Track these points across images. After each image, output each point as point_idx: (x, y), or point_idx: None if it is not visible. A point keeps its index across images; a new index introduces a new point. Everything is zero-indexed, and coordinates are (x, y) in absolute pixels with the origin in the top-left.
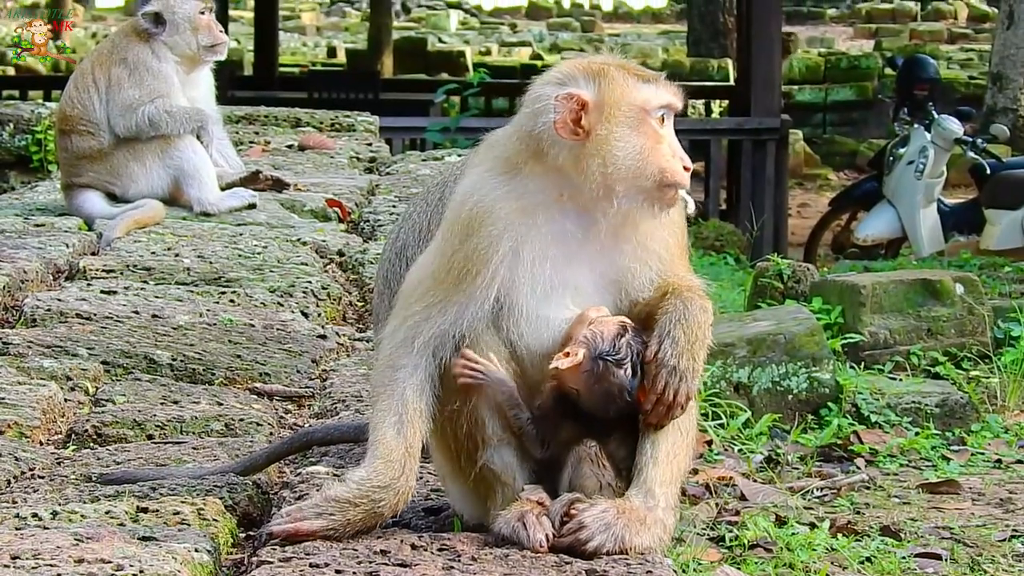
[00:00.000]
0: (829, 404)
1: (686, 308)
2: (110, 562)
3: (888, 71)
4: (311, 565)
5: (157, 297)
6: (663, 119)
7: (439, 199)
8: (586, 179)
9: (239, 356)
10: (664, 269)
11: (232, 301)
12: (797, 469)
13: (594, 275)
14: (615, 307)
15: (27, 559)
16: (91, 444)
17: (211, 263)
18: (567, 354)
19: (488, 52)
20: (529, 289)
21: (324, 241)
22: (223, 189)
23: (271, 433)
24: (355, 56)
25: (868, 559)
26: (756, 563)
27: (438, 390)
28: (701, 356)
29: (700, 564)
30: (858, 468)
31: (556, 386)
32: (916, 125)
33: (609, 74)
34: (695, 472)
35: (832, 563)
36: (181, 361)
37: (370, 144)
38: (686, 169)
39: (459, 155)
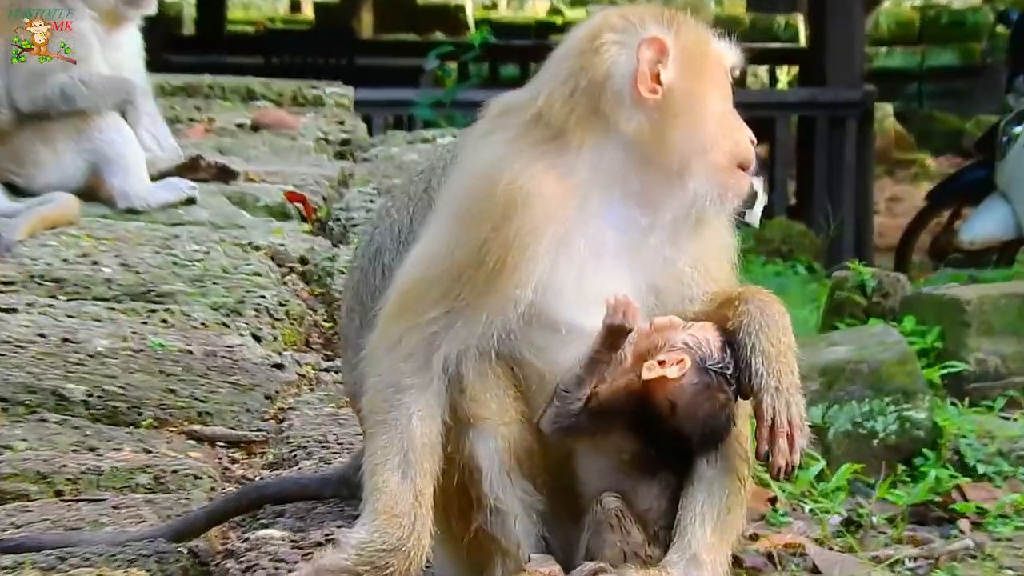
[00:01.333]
0: (924, 451)
1: (764, 314)
2: None
3: (1001, 28)
4: None
5: (69, 316)
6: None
7: (424, 191)
8: (663, 150)
9: (173, 391)
10: (720, 278)
11: (165, 321)
12: (884, 533)
13: (635, 277)
14: (648, 318)
15: None
16: None
17: (138, 273)
18: (663, 362)
19: (494, 6)
20: (572, 288)
21: (282, 245)
22: (154, 179)
23: (212, 488)
24: (325, 11)
25: None
26: None
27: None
28: (796, 369)
29: None
30: (962, 532)
31: (639, 391)
32: None
33: (684, 20)
34: (755, 538)
35: None
36: (99, 397)
37: (342, 122)
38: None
39: (455, 136)
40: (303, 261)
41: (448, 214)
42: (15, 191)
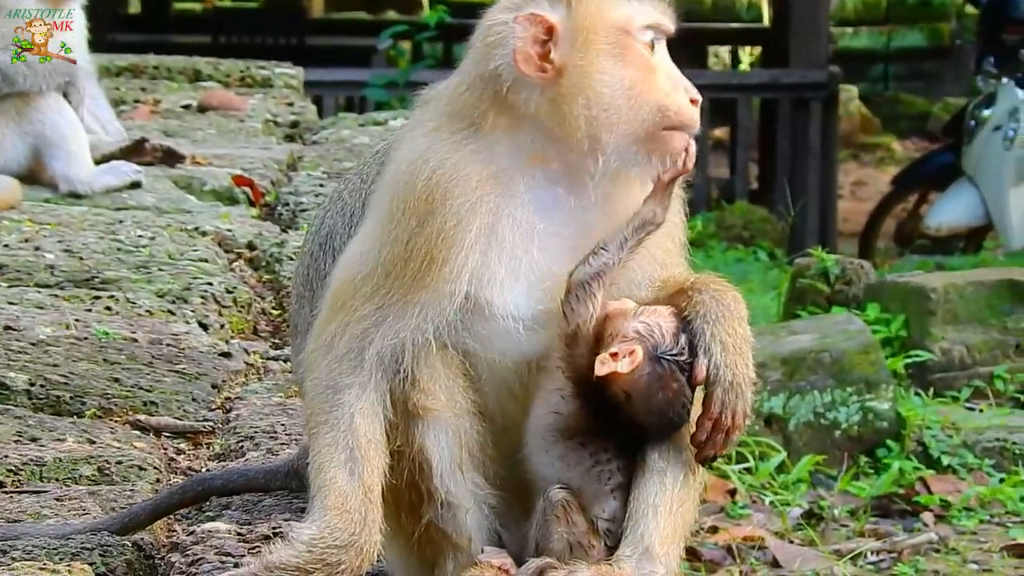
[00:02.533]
0: (888, 442)
1: (719, 304)
2: None
3: (969, 9)
4: None
5: (11, 303)
6: (653, 44)
7: (377, 174)
8: (567, 128)
9: (117, 380)
10: (669, 262)
11: (109, 309)
12: (846, 526)
13: (575, 259)
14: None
15: None
16: None
17: (82, 259)
18: (614, 354)
19: None
20: (506, 277)
21: (230, 231)
22: (98, 162)
23: (158, 479)
24: None
25: None
26: None
27: (389, 416)
28: (751, 362)
29: None
30: (925, 525)
31: (595, 381)
32: (1005, 79)
33: None
34: (714, 530)
35: None
36: (41, 386)
37: (292, 104)
38: (693, 103)
39: (407, 119)
40: (251, 247)
41: (376, 212)
42: None
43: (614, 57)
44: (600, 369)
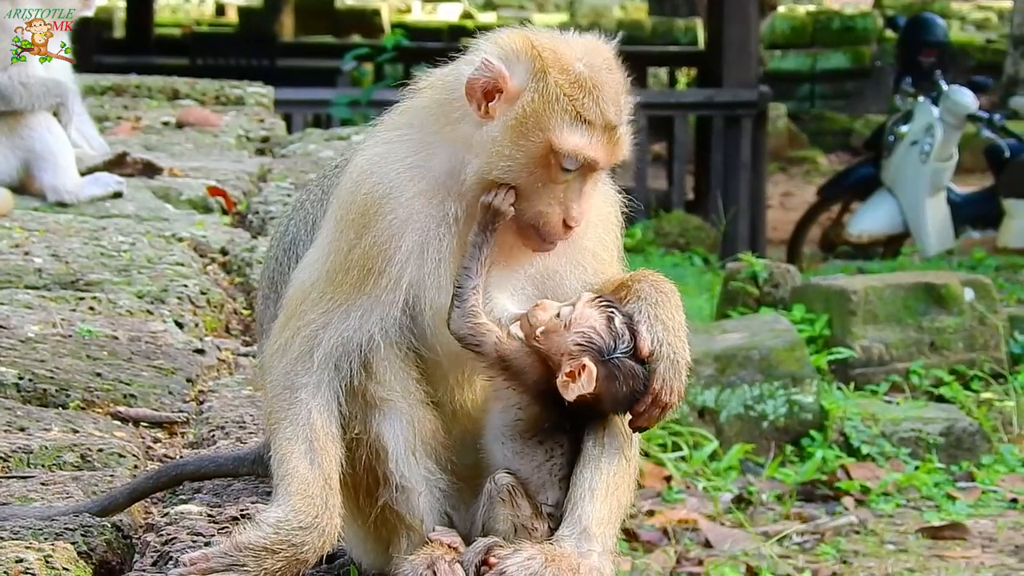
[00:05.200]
0: (812, 432)
1: (658, 291)
2: None
3: (889, 33)
4: None
5: (1, 304)
6: (577, 167)
7: (337, 185)
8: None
9: (99, 374)
10: (601, 270)
11: (92, 308)
12: (773, 510)
13: (516, 275)
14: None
15: None
16: None
17: (67, 263)
18: (570, 374)
19: (408, 10)
20: (444, 286)
21: (204, 237)
22: (83, 174)
23: (136, 466)
24: (248, 15)
25: None
26: None
27: (344, 409)
28: (687, 346)
29: None
30: (846, 509)
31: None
32: (921, 98)
33: (548, 87)
34: (651, 514)
35: None
36: (29, 380)
37: (263, 120)
38: (567, 227)
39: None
40: (223, 252)
41: (327, 222)
42: None
43: (524, 152)
44: (568, 395)
